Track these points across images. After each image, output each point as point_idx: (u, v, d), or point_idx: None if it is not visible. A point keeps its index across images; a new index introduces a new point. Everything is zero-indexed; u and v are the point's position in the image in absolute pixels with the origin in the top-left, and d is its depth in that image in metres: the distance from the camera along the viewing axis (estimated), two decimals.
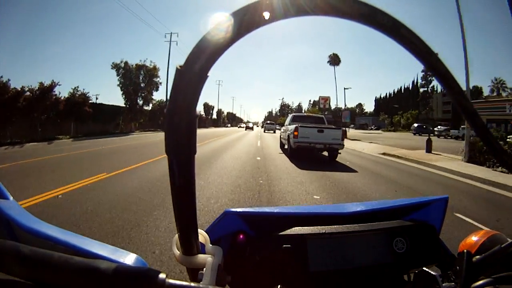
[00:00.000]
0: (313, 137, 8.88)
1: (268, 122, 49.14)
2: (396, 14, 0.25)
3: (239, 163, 7.71)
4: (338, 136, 9.01)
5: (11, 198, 0.45)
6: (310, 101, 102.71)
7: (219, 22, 0.24)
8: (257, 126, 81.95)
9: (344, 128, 9.88)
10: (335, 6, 0.24)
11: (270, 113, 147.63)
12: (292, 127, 9.55)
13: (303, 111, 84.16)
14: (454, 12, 9.71)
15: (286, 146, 11.81)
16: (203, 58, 0.24)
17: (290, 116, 12.33)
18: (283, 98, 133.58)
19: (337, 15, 0.25)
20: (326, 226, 0.56)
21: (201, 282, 0.36)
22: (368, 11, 0.25)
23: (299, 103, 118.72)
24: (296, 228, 0.55)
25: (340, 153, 9.32)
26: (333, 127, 9.96)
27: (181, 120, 0.25)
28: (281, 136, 12.92)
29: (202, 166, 6.79)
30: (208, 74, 0.25)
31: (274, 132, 39.44)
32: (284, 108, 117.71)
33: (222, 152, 10.51)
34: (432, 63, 0.27)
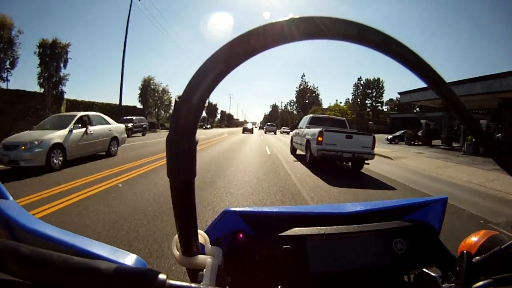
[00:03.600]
0: (341, 144, 7.37)
1: (269, 124, 49.21)
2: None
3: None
4: (369, 144, 7.56)
5: (11, 198, 0.45)
6: (359, 79, 62.94)
7: (213, 53, 0.25)
8: (256, 127, 67.78)
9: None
10: (324, 30, 0.25)
11: (274, 107, 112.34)
12: (314, 131, 7.92)
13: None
14: None
15: (299, 152, 10.27)
16: (200, 90, 0.25)
17: (306, 117, 10.46)
18: (303, 76, 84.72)
19: (327, 38, 0.25)
20: (326, 227, 0.56)
21: (201, 283, 0.36)
22: (358, 31, 0.25)
23: (316, 90, 74.54)
24: (296, 228, 0.55)
25: (368, 163, 7.78)
26: (363, 132, 8.42)
27: (181, 146, 0.27)
28: (293, 140, 11.05)
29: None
30: (205, 104, 0.26)
31: (275, 133, 39.60)
32: (305, 94, 73.57)
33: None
34: (425, 73, 0.28)
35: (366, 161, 7.68)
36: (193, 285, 0.26)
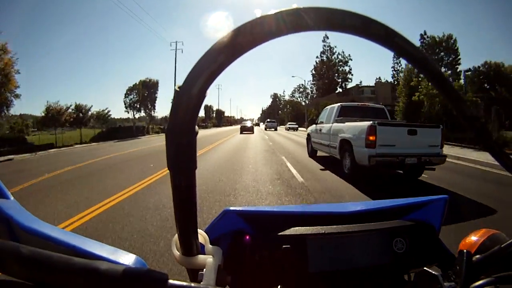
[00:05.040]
0: (401, 143, 4.86)
1: (269, 120, 44.71)
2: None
3: None
4: (437, 141, 5.04)
5: (12, 197, 0.46)
6: (424, 34, 36.63)
7: (214, 43, 0.25)
8: (257, 124, 58.81)
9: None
10: (326, 20, 0.24)
11: (275, 97, 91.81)
12: (357, 126, 5.24)
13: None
14: None
15: (320, 153, 7.91)
16: (200, 79, 0.25)
17: (332, 107, 7.25)
18: (326, 39, 51.09)
19: (329, 29, 0.25)
20: (326, 226, 0.56)
21: (201, 283, 0.36)
22: (360, 23, 0.25)
23: (348, 60, 49.98)
24: (295, 228, 0.55)
25: (434, 169, 5.18)
26: (427, 124, 6.20)
27: (181, 138, 0.26)
28: (312, 139, 8.26)
29: None
30: (206, 94, 0.26)
31: (276, 130, 37.27)
32: (331, 68, 49.54)
33: None
34: (428, 69, 0.28)
35: (428, 166, 5.09)
36: (193, 284, 0.26)
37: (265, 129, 38.81)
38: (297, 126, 37.03)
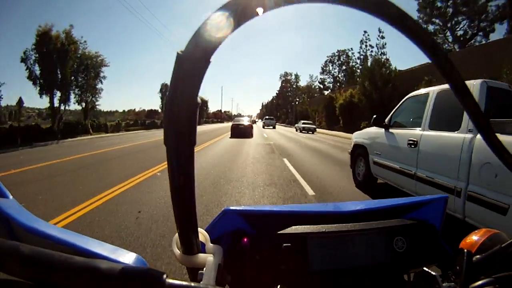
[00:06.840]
0: None
1: (267, 117, 41.35)
2: None
3: None
4: None
5: (11, 196, 0.45)
6: None
7: (221, 6, 0.24)
8: (256, 121, 51.64)
9: None
10: None
11: (286, 81, 66.74)
12: None
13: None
14: None
15: (380, 181, 4.16)
16: (205, 42, 0.23)
17: (474, 86, 2.47)
18: None
19: (341, 3, 0.24)
20: (326, 225, 0.56)
21: (201, 282, 0.36)
22: (375, 1, 0.24)
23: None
24: (296, 227, 0.55)
25: None
26: None
27: (181, 110, 0.25)
28: (376, 159, 4.07)
29: None
30: (210, 60, 0.24)
31: (274, 127, 36.20)
32: None
33: None
34: (437, 58, 0.27)
35: None
36: (193, 284, 0.26)
37: (263, 126, 37.92)
38: (314, 126, 26.88)
